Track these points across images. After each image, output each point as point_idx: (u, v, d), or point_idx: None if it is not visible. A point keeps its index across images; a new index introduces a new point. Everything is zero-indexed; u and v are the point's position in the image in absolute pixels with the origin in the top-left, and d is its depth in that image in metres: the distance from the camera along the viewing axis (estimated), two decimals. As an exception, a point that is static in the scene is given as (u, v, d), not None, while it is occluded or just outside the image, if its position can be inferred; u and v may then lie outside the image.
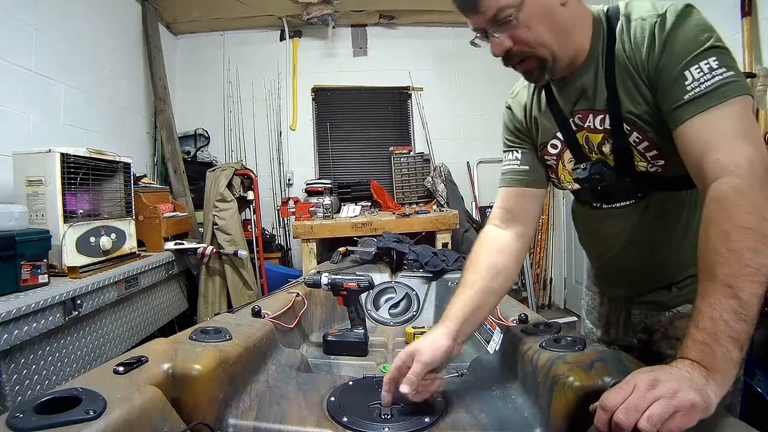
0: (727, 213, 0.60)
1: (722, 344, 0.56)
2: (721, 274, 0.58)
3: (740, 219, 0.58)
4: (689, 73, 0.66)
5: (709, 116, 0.64)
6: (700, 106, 0.65)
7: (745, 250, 0.57)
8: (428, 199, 3.60)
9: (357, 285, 1.28)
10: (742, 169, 0.61)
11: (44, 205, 1.70)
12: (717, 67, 0.65)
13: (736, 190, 0.60)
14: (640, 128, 0.76)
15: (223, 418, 0.71)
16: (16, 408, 0.53)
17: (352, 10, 3.64)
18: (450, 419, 0.72)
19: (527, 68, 0.79)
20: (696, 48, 0.66)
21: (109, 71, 2.76)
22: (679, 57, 0.67)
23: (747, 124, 0.64)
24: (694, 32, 0.68)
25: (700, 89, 0.65)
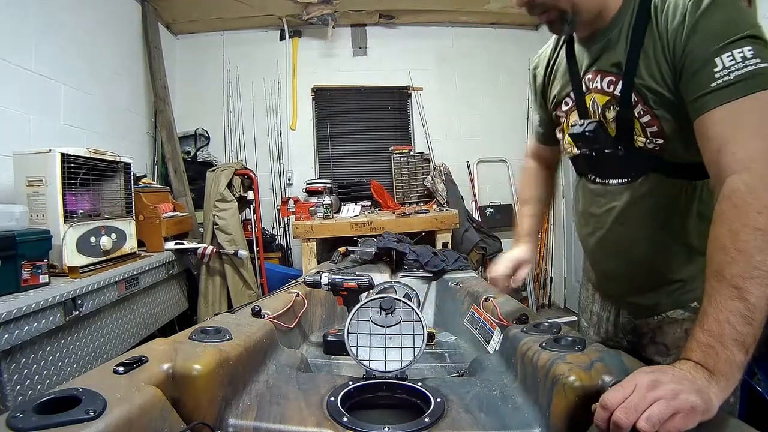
0: (738, 212, 0.58)
1: (727, 347, 0.55)
2: (729, 274, 0.56)
3: (751, 219, 0.56)
4: (720, 60, 0.62)
5: (733, 108, 0.60)
6: (725, 97, 0.61)
7: (755, 251, 0.55)
8: (428, 198, 3.60)
9: (357, 285, 1.28)
10: (758, 165, 0.58)
11: (45, 205, 1.70)
12: (751, 57, 0.60)
13: (749, 188, 0.58)
14: (647, 102, 0.74)
15: (223, 418, 0.71)
16: (16, 408, 0.53)
17: (351, 9, 3.64)
18: (450, 419, 0.72)
19: (549, 19, 0.81)
20: (731, 35, 0.61)
21: (110, 71, 2.76)
22: (711, 42, 0.63)
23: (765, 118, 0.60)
24: (731, 17, 0.63)
25: (729, 78, 0.61)
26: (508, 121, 3.97)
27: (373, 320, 0.91)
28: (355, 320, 0.91)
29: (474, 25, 3.99)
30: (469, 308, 1.47)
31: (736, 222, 0.58)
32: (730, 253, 0.57)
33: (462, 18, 3.89)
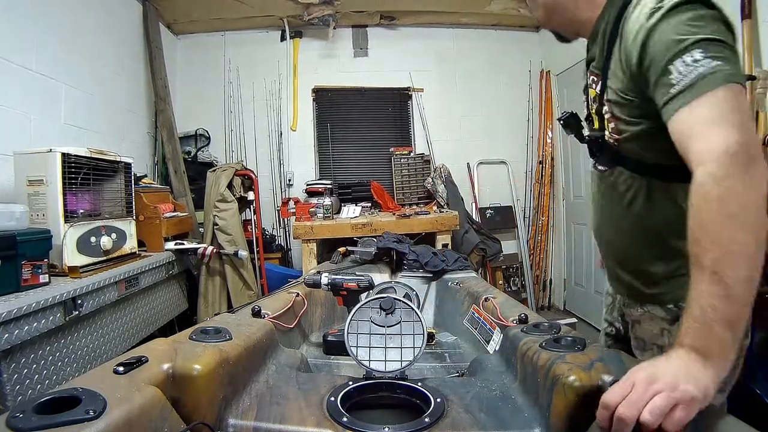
0: (705, 203, 0.61)
1: (714, 329, 0.57)
2: (706, 262, 0.59)
3: (717, 206, 0.59)
4: (674, 67, 0.66)
5: (691, 109, 0.64)
6: (683, 101, 0.65)
7: (724, 236, 0.59)
8: (428, 200, 3.60)
9: (357, 285, 1.28)
10: (718, 155, 0.60)
11: (45, 205, 1.70)
12: (701, 59, 0.63)
13: (712, 178, 0.60)
14: (611, 101, 0.82)
15: (223, 418, 0.71)
16: (16, 408, 0.53)
17: (352, 10, 3.64)
18: (450, 419, 0.72)
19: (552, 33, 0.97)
20: (681, 43, 0.65)
21: (110, 71, 2.77)
22: (664, 52, 0.67)
23: (728, 111, 0.62)
24: (681, 27, 0.66)
25: (685, 82, 0.64)
26: (508, 123, 3.97)
27: (373, 320, 0.91)
28: (355, 320, 0.91)
29: (475, 26, 3.99)
30: (469, 308, 1.47)
31: (704, 213, 0.61)
32: (701, 242, 0.61)
33: (463, 19, 3.89)
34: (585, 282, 3.54)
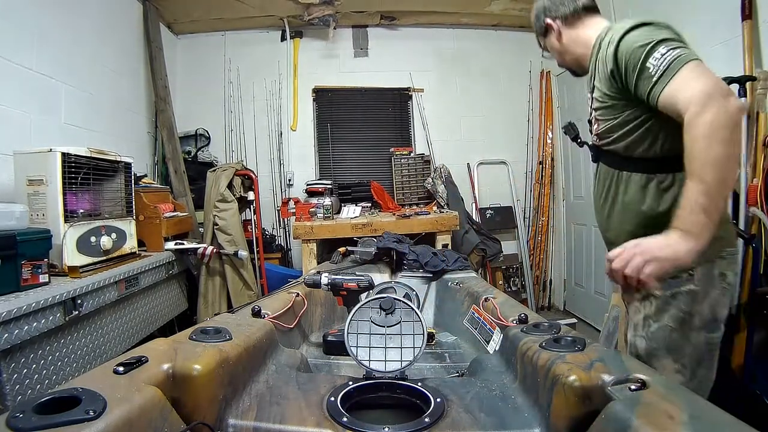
0: (692, 136, 0.84)
1: (695, 215, 0.83)
2: (694, 169, 0.83)
3: (701, 131, 0.82)
4: (648, 63, 0.90)
5: (673, 83, 0.86)
6: (664, 82, 0.87)
7: (705, 150, 0.82)
8: (428, 200, 3.60)
9: (357, 285, 1.28)
10: (699, 96, 0.82)
11: (45, 205, 1.70)
12: (666, 52, 0.88)
13: (695, 114, 0.82)
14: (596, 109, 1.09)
15: (223, 418, 0.71)
16: (16, 408, 0.53)
17: (353, 10, 3.64)
18: (450, 419, 0.72)
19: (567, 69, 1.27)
20: (648, 46, 0.90)
21: (110, 71, 2.77)
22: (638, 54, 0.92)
23: (699, 73, 0.85)
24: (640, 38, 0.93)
25: (661, 68, 0.88)
26: (508, 123, 3.97)
27: (373, 320, 0.91)
28: (355, 320, 0.91)
29: (475, 26, 3.99)
30: (469, 308, 1.47)
31: (693, 136, 0.83)
32: (692, 157, 0.84)
33: (463, 20, 3.89)
34: (585, 282, 3.54)
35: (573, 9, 1.16)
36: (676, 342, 1.01)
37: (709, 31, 2.18)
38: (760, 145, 1.74)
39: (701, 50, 2.37)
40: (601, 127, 1.09)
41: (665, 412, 0.56)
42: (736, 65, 1.92)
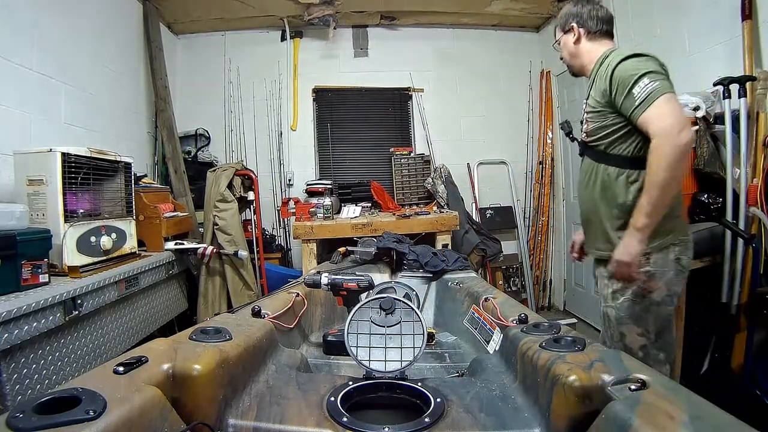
0: (654, 157, 1.16)
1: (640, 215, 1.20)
2: (648, 183, 1.18)
3: (656, 159, 1.16)
4: (634, 90, 1.19)
5: (648, 111, 1.17)
6: (644, 107, 1.18)
7: (656, 173, 1.15)
8: (428, 200, 3.60)
9: (357, 285, 1.28)
10: (660, 133, 1.15)
11: (45, 205, 1.70)
12: (648, 83, 1.17)
13: (656, 145, 1.16)
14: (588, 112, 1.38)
15: (223, 418, 0.71)
16: (16, 408, 0.53)
17: (353, 10, 3.64)
18: (450, 419, 0.72)
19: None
20: (636, 76, 1.19)
21: (111, 71, 2.77)
22: (628, 81, 1.21)
23: (667, 110, 1.15)
24: (633, 69, 1.21)
25: (642, 96, 1.18)
26: (508, 123, 3.97)
27: (373, 320, 0.91)
28: (355, 320, 0.91)
29: (475, 26, 3.99)
30: (469, 308, 1.47)
31: (653, 163, 1.16)
32: (649, 175, 1.18)
33: (463, 19, 3.89)
34: (585, 282, 3.54)
35: (597, 29, 1.42)
36: (638, 312, 1.30)
37: (709, 31, 2.18)
38: (760, 145, 1.74)
39: (701, 50, 2.38)
40: (590, 126, 1.37)
41: (665, 412, 0.56)
42: (736, 65, 1.92)
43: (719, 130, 1.89)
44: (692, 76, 2.29)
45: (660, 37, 2.56)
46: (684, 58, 2.37)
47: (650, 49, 2.55)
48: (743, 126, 1.73)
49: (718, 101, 1.91)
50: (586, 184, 1.42)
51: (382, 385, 0.83)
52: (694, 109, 1.92)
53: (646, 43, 2.69)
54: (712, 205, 1.85)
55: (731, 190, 1.77)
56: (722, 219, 1.76)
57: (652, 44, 2.63)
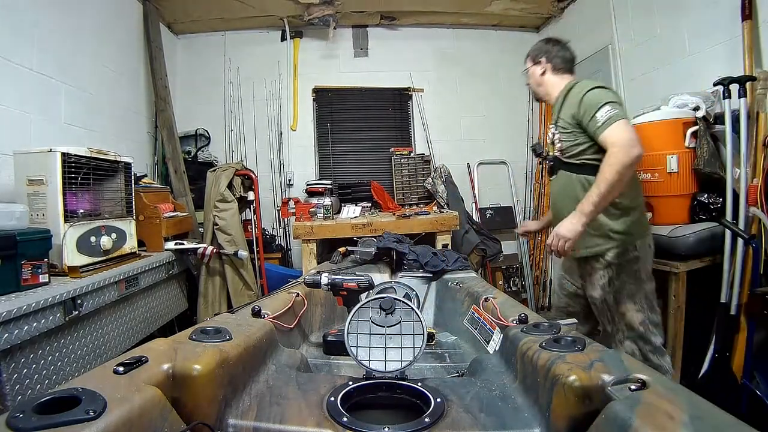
0: (605, 162, 1.44)
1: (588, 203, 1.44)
2: (599, 182, 1.43)
3: (611, 163, 1.42)
4: (597, 114, 1.48)
5: (608, 131, 1.46)
6: (605, 127, 1.46)
7: (609, 172, 1.41)
8: (428, 200, 3.60)
9: (357, 285, 1.28)
10: (618, 144, 1.43)
11: (45, 205, 1.70)
12: (609, 110, 1.46)
13: (612, 152, 1.43)
14: (560, 129, 1.65)
15: (223, 418, 0.71)
16: (16, 408, 0.53)
17: (353, 10, 3.64)
18: (450, 419, 0.72)
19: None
20: (600, 103, 1.48)
21: (110, 71, 2.77)
22: (592, 108, 1.50)
23: (623, 130, 1.44)
24: (597, 99, 1.51)
25: (604, 119, 1.47)
26: (508, 123, 3.97)
27: (373, 320, 0.91)
28: (355, 320, 0.91)
29: (475, 26, 3.99)
30: (469, 308, 1.47)
31: (608, 165, 1.43)
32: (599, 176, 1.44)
33: (463, 20, 3.89)
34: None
35: (561, 66, 1.73)
36: (633, 290, 1.57)
37: (709, 31, 2.18)
38: (760, 145, 1.74)
39: (701, 50, 2.38)
40: (564, 145, 1.64)
41: (665, 412, 0.56)
42: (736, 65, 1.93)
43: (719, 130, 1.89)
44: (692, 76, 2.29)
45: (660, 37, 2.56)
46: (684, 58, 2.37)
47: (650, 48, 2.60)
48: (743, 126, 1.74)
49: (718, 101, 1.91)
50: (566, 194, 1.65)
51: (382, 385, 0.83)
52: (694, 109, 1.93)
53: (646, 43, 2.69)
54: (712, 205, 1.85)
55: (731, 190, 1.77)
56: (722, 219, 1.76)
57: (652, 44, 2.64)
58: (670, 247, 1.86)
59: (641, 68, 2.75)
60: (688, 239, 1.82)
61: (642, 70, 2.75)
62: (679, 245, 1.83)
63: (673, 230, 1.87)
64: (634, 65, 2.81)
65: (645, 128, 2.00)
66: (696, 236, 1.82)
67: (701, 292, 1.91)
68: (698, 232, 1.83)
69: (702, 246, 1.82)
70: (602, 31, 3.09)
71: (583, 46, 3.32)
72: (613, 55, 3.00)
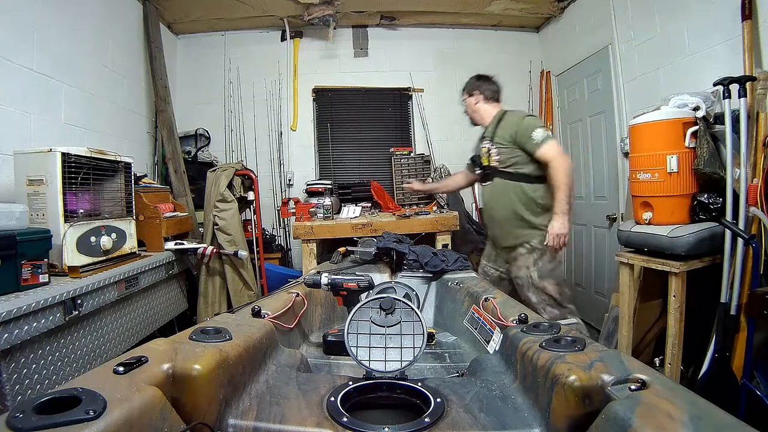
0: (553, 171, 1.93)
1: (561, 204, 1.92)
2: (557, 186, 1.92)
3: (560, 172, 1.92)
4: (533, 135, 1.96)
5: (542, 147, 1.95)
6: (540, 145, 1.95)
7: (563, 179, 1.91)
8: (428, 200, 3.59)
9: (357, 285, 1.28)
10: (556, 158, 1.93)
11: (45, 205, 1.70)
12: (541, 132, 1.97)
13: (556, 164, 1.93)
14: (497, 146, 2.08)
15: (223, 418, 0.71)
16: (16, 408, 0.53)
17: (353, 10, 3.64)
18: (450, 419, 0.72)
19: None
20: (535, 128, 1.98)
21: (110, 71, 2.77)
22: (529, 131, 1.98)
23: (555, 147, 1.97)
24: (532, 124, 2.01)
25: (540, 139, 1.95)
26: (508, 123, 3.97)
27: (373, 320, 0.91)
28: (355, 320, 0.91)
29: (475, 26, 3.99)
30: (469, 308, 1.47)
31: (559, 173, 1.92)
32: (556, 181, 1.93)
33: (463, 20, 3.89)
34: (585, 282, 3.54)
35: (491, 96, 2.22)
36: (552, 270, 2.04)
37: (709, 31, 2.18)
38: (760, 145, 1.74)
39: (701, 50, 2.38)
40: (502, 157, 2.07)
41: (665, 412, 0.56)
42: (736, 65, 1.92)
43: (719, 130, 1.89)
44: (692, 76, 2.29)
45: (660, 37, 2.56)
46: (684, 58, 2.37)
47: (650, 48, 2.61)
48: (743, 126, 1.73)
49: (718, 101, 1.91)
50: (500, 196, 2.11)
51: (382, 385, 0.83)
52: (694, 109, 1.93)
53: (646, 43, 2.69)
54: (712, 205, 1.85)
55: (731, 190, 1.76)
56: (722, 219, 1.76)
57: (652, 44, 2.64)
58: (670, 247, 1.86)
59: (641, 68, 2.75)
60: (688, 239, 1.82)
61: (642, 70, 2.74)
62: (679, 245, 1.83)
63: (673, 230, 1.87)
64: (634, 65, 2.81)
65: (645, 128, 2.00)
66: (696, 236, 1.82)
67: (701, 292, 1.90)
68: (698, 232, 1.83)
69: (702, 246, 1.82)
70: (602, 31, 3.09)
71: (583, 46, 3.33)
72: (613, 55, 3.00)
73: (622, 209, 2.93)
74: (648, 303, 2.22)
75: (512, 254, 2.11)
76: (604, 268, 3.20)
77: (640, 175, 2.01)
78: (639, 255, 2.06)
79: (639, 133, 2.04)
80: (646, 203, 2.02)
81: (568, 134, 3.71)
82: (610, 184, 3.14)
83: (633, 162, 2.08)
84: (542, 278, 2.02)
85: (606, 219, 3.15)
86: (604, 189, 3.23)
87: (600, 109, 3.21)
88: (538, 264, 2.03)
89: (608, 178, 3.16)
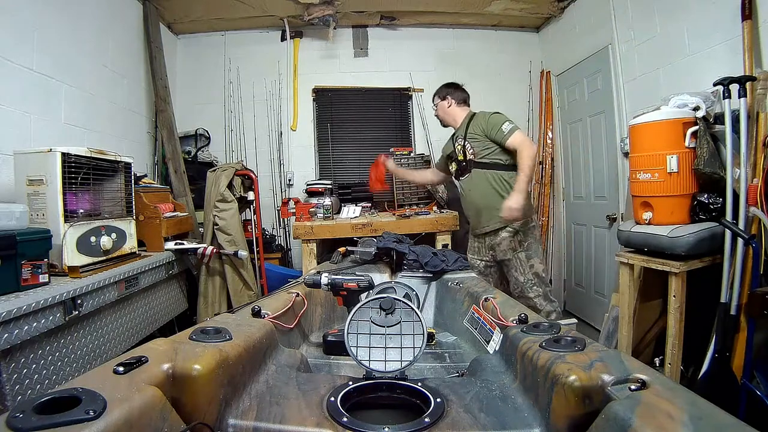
0: (520, 156, 2.12)
1: (522, 184, 2.09)
2: (521, 169, 2.11)
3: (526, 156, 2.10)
4: (503, 126, 2.19)
5: (511, 137, 2.17)
6: (510, 136, 2.17)
7: (527, 163, 2.10)
8: (428, 200, 3.60)
9: (357, 285, 1.28)
10: (524, 145, 2.14)
11: (45, 205, 1.70)
12: (509, 125, 2.19)
13: (523, 150, 2.12)
14: (471, 141, 2.30)
15: (223, 418, 0.71)
16: (16, 408, 0.53)
17: (353, 10, 3.64)
18: (450, 419, 0.72)
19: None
20: (503, 121, 2.20)
21: (110, 71, 2.77)
22: (498, 124, 2.20)
23: (522, 136, 2.18)
24: (500, 119, 2.23)
25: (507, 130, 2.18)
26: (508, 123, 3.97)
27: (373, 320, 0.91)
28: (355, 320, 0.91)
29: (475, 26, 3.99)
30: (469, 308, 1.47)
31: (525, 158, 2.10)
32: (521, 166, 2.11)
33: (463, 20, 3.89)
34: (585, 282, 3.54)
35: (461, 101, 2.43)
36: (537, 248, 2.28)
37: (709, 31, 2.18)
38: (760, 145, 1.74)
39: (701, 50, 2.38)
40: (476, 150, 2.27)
41: (665, 412, 0.56)
42: (736, 65, 1.92)
43: (719, 130, 1.89)
44: (692, 76, 2.29)
45: (660, 37, 2.56)
46: (684, 58, 2.37)
47: (650, 48, 2.62)
48: (743, 126, 1.73)
49: (718, 101, 1.91)
50: (479, 185, 2.29)
51: (382, 385, 0.83)
52: (694, 109, 1.93)
53: (646, 43, 2.69)
54: (712, 205, 1.85)
55: (731, 190, 1.76)
56: (722, 219, 1.76)
57: (652, 44, 2.64)
58: (670, 247, 1.86)
59: (641, 68, 2.75)
60: (688, 239, 1.82)
61: (642, 70, 2.75)
62: (679, 245, 1.83)
63: (673, 230, 1.87)
64: (634, 65, 2.81)
65: (645, 128, 2.00)
66: (696, 236, 1.82)
67: (701, 292, 1.90)
68: (698, 232, 1.83)
69: (702, 246, 1.82)
70: (602, 31, 3.09)
71: (583, 46, 3.33)
72: (613, 55, 3.00)
73: (622, 209, 2.93)
74: (648, 303, 2.22)
75: (496, 239, 2.28)
76: (604, 268, 3.20)
77: (640, 175, 2.01)
78: (639, 255, 2.06)
79: (639, 133, 2.04)
80: (646, 203, 2.02)
81: (568, 134, 3.71)
82: (610, 184, 3.14)
83: (633, 162, 2.08)
84: (530, 258, 2.24)
85: (606, 219, 3.15)
86: (604, 189, 3.23)
87: (600, 109, 3.21)
88: (524, 245, 2.25)
89: (608, 178, 3.16)
